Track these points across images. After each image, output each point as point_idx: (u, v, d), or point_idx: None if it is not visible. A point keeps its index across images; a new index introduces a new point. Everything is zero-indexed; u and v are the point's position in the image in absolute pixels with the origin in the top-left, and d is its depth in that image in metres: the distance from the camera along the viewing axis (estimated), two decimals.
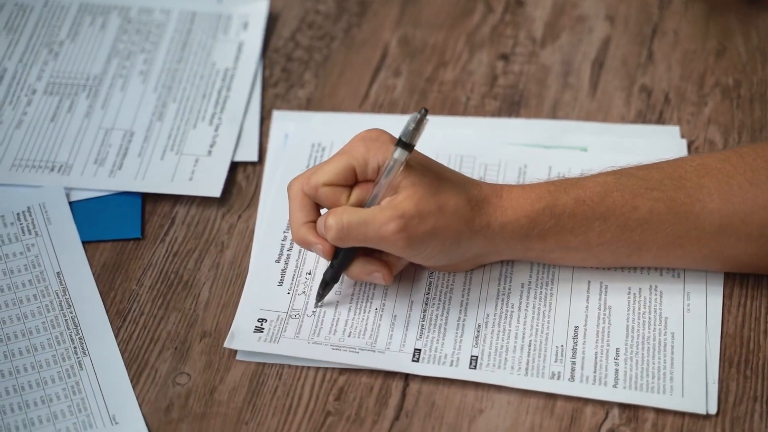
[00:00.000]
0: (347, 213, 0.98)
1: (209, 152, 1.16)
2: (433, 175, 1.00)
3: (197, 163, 1.15)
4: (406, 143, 0.98)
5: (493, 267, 1.07)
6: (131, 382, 1.01)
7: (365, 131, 1.02)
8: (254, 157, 1.16)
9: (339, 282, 1.05)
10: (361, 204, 1.00)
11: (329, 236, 0.99)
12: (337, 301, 1.05)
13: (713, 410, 0.98)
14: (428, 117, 0.97)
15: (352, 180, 1.00)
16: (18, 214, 1.11)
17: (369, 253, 1.02)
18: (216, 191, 1.13)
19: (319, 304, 1.05)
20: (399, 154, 0.98)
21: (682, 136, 1.17)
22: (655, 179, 1.02)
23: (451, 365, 1.01)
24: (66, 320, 1.04)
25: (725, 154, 1.03)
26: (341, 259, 1.02)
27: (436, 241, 0.99)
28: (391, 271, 1.02)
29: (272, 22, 1.28)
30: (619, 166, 1.04)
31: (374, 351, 1.02)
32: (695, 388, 0.99)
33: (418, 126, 0.98)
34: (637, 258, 1.03)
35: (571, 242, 1.02)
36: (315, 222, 1.01)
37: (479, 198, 1.01)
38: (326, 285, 1.04)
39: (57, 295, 1.06)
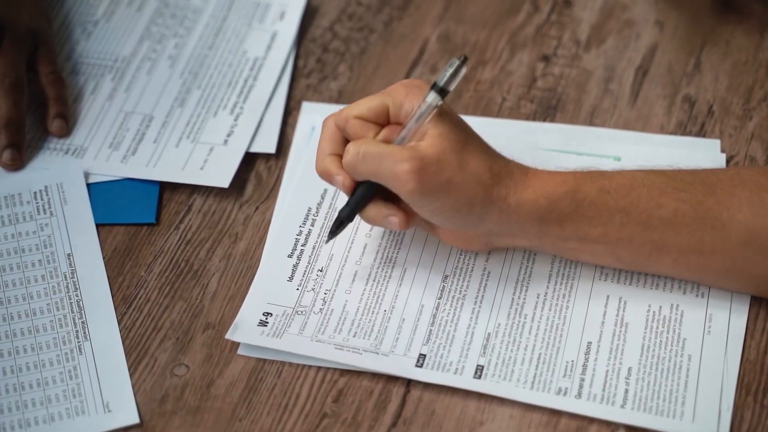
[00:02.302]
0: (367, 143, 0.98)
1: (225, 142, 1.14)
2: (463, 133, 0.98)
3: (211, 152, 1.13)
4: (441, 88, 0.97)
5: (510, 275, 1.03)
6: (129, 370, 0.99)
7: (409, 79, 1.02)
8: (272, 149, 1.14)
9: (354, 222, 1.02)
10: (387, 143, 0.99)
11: (344, 160, 0.99)
12: (347, 300, 1.03)
13: None
14: (465, 67, 0.97)
15: (383, 119, 1.00)
16: (35, 192, 1.10)
17: (387, 199, 1.00)
18: (225, 182, 1.10)
19: (330, 240, 1.03)
20: (432, 98, 0.97)
21: (722, 151, 1.12)
22: (686, 181, 0.99)
23: (455, 373, 0.98)
24: (71, 303, 1.03)
25: (764, 168, 1.01)
26: (358, 196, 1.00)
27: (448, 197, 0.96)
28: (408, 219, 1.00)
29: (312, 11, 1.25)
30: (650, 166, 1.01)
31: (377, 353, 0.99)
32: (707, 413, 0.95)
33: (455, 72, 0.97)
34: (657, 260, 0.99)
35: (589, 233, 0.98)
36: (340, 155, 1.00)
37: (503, 171, 0.98)
38: (341, 223, 1.02)
39: (65, 277, 1.05)
